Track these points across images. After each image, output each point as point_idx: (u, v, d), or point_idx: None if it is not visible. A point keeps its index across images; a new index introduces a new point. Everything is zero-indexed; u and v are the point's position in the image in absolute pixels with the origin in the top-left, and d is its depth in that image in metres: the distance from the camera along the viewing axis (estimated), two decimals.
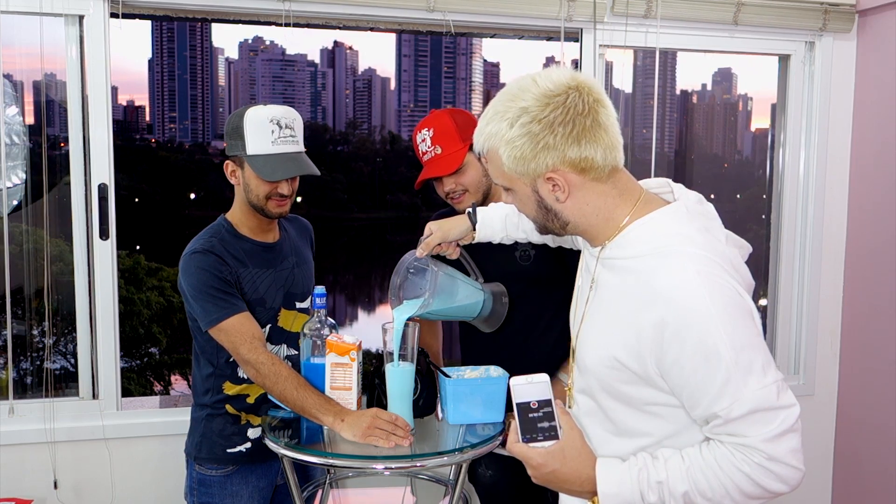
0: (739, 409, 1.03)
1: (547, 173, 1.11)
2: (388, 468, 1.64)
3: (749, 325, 1.05)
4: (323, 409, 1.68)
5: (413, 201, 44.09)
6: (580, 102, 1.09)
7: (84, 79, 2.31)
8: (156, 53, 45.00)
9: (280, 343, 1.91)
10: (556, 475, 1.11)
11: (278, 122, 1.80)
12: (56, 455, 2.33)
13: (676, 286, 1.04)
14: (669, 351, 1.04)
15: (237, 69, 46.98)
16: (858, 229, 2.90)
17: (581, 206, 1.14)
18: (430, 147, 1.93)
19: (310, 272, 2.01)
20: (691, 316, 1.02)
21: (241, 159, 1.83)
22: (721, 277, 1.05)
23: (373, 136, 47.24)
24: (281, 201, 1.84)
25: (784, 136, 2.95)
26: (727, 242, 1.14)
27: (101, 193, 2.32)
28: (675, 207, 1.14)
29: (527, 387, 1.10)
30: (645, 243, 1.10)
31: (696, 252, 1.06)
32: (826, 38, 2.84)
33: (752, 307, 1.08)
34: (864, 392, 2.88)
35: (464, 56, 45.64)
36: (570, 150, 1.09)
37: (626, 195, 1.15)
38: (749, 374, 1.03)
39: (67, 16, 2.27)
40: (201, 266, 1.78)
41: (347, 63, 46.94)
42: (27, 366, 2.66)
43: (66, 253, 2.42)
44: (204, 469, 1.90)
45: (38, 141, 2.34)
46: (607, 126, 1.11)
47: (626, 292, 1.10)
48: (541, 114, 1.08)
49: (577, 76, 1.11)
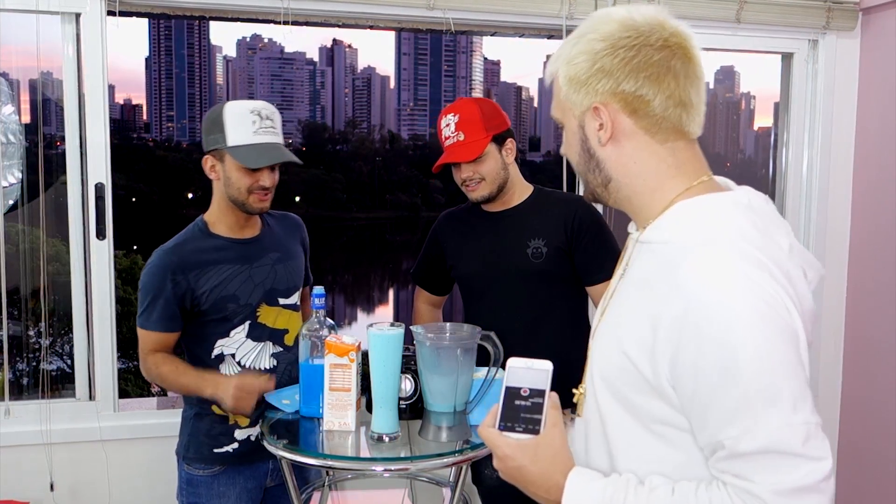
0: (750, 443, 0.85)
1: (595, 103, 0.97)
2: (386, 470, 1.64)
3: (788, 348, 0.86)
4: (199, 387, 1.79)
5: (413, 201, 44.09)
6: (659, 38, 0.95)
7: (81, 77, 2.31)
8: (153, 51, 44.98)
9: (263, 340, 1.90)
10: (521, 473, 0.97)
11: (259, 114, 1.81)
12: (52, 457, 2.33)
13: (705, 278, 0.87)
14: (685, 353, 0.87)
15: (235, 67, 47.00)
16: (862, 229, 2.90)
17: (626, 162, 0.98)
18: (454, 132, 1.95)
19: (297, 268, 1.99)
20: (715, 315, 0.85)
21: (221, 152, 1.82)
22: (766, 282, 0.87)
23: (372, 135, 47.23)
24: (262, 195, 1.83)
25: (787, 134, 2.95)
26: (790, 254, 0.95)
27: (98, 193, 2.32)
28: (733, 195, 0.97)
29: (524, 371, 0.99)
30: (684, 227, 0.94)
31: (741, 246, 0.89)
32: (829, 37, 2.84)
33: (798, 330, 0.88)
34: (868, 392, 2.88)
35: (464, 54, 45.63)
36: (627, 81, 0.94)
37: (685, 170, 0.98)
38: (773, 403, 0.84)
39: (64, 13, 2.27)
40: (154, 268, 1.82)
41: (346, 61, 46.91)
42: (23, 367, 2.66)
43: (62, 253, 2.42)
44: (192, 469, 1.91)
45: (35, 140, 2.34)
46: (680, 75, 0.95)
47: (649, 280, 0.94)
48: (611, 36, 0.95)
49: (673, 21, 0.98)
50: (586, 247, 1.95)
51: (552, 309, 1.98)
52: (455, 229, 2.11)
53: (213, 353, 1.86)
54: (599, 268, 1.94)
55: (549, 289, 1.97)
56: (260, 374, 1.86)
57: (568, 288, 1.99)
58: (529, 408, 0.97)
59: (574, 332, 1.92)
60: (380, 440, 1.66)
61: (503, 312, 1.97)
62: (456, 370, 1.62)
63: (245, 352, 1.88)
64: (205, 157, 1.87)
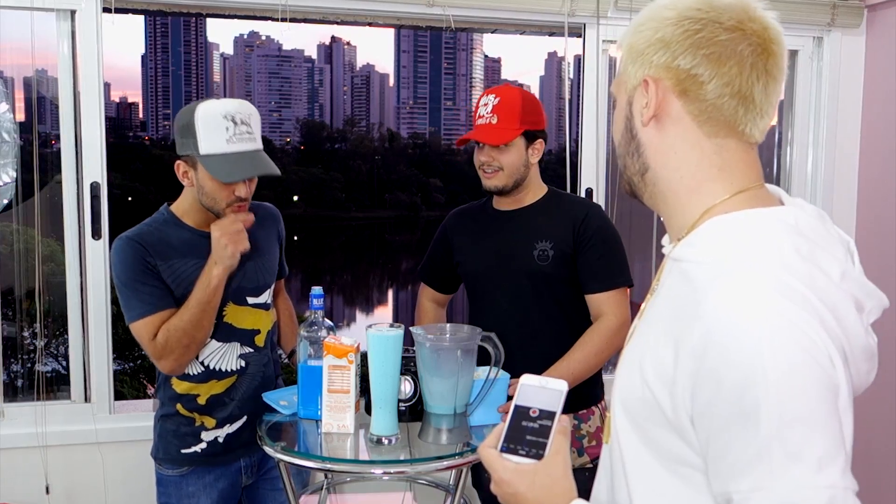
0: (760, 501, 0.74)
1: (647, 76, 0.89)
2: (386, 473, 1.64)
3: (820, 400, 0.75)
4: (204, 280, 1.71)
5: (412, 200, 44.02)
6: (733, 19, 0.86)
7: (76, 75, 2.31)
8: (149, 49, 44.95)
9: (229, 341, 1.83)
10: (517, 499, 0.90)
11: (233, 119, 1.70)
12: (48, 459, 2.33)
13: (730, 311, 0.78)
14: (702, 391, 0.78)
15: (232, 65, 46.96)
16: (868, 229, 2.90)
17: (666, 150, 0.90)
18: (489, 113, 1.94)
19: (269, 264, 1.92)
20: (736, 355, 0.76)
21: (193, 159, 1.72)
22: (804, 322, 0.76)
23: (371, 134, 47.19)
24: (240, 206, 1.76)
25: (791, 133, 2.95)
26: (841, 284, 0.83)
27: (94, 192, 2.32)
28: (778, 212, 0.86)
29: (536, 390, 0.93)
30: (718, 246, 0.85)
31: (780, 276, 0.79)
32: (834, 34, 2.84)
33: (838, 382, 0.77)
34: (876, 394, 2.88)
35: (464, 52, 45.61)
36: (684, 56, 0.86)
37: (731, 174, 0.89)
38: (794, 460, 0.73)
39: (59, 10, 2.27)
40: (124, 254, 1.74)
41: (345, 59, 46.89)
42: (18, 368, 2.66)
43: (57, 253, 2.42)
44: (162, 469, 1.89)
45: (29, 138, 2.34)
46: (746, 63, 0.86)
47: (676, 304, 0.85)
48: (683, 6, 0.87)
49: (762, 11, 0.89)
50: (587, 254, 1.94)
51: (554, 312, 1.97)
52: (465, 226, 2.11)
53: None
54: (593, 276, 1.94)
55: (552, 292, 1.96)
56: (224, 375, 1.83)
57: (572, 293, 1.98)
58: (536, 430, 0.91)
59: (573, 339, 1.92)
60: (379, 442, 1.66)
61: (506, 313, 1.98)
62: (456, 372, 1.62)
63: (209, 352, 1.81)
64: (177, 163, 1.76)
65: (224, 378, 1.84)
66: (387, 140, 46.58)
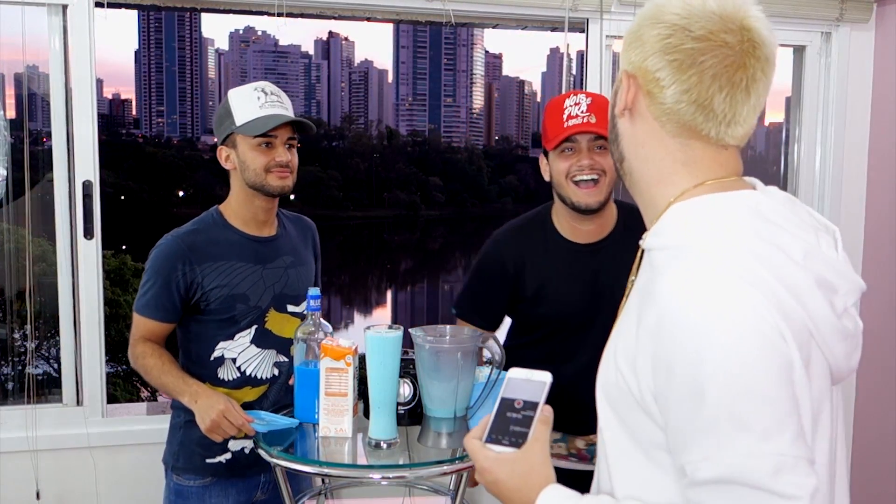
0: (708, 470, 0.79)
1: (627, 69, 0.94)
2: (384, 477, 1.64)
3: (768, 374, 0.79)
4: (179, 390, 1.75)
5: (412, 199, 44.03)
6: (704, 28, 0.88)
7: (68, 71, 2.31)
8: (142, 44, 44.99)
9: (268, 348, 1.88)
10: (497, 487, 0.96)
11: (262, 90, 1.83)
12: (39, 464, 2.33)
13: (682, 291, 0.83)
14: (660, 370, 0.84)
15: (227, 61, 46.99)
16: (877, 227, 2.90)
17: (636, 143, 0.96)
18: (584, 112, 1.76)
19: (308, 274, 1.98)
20: (684, 333, 0.81)
21: (233, 138, 1.82)
22: (752, 298, 0.81)
23: (369, 131, 47.19)
24: (282, 172, 1.81)
25: (799, 130, 2.95)
26: (805, 263, 0.86)
27: (86, 191, 2.32)
28: (738, 196, 0.90)
29: (521, 382, 0.99)
30: (677, 231, 0.90)
31: (735, 256, 0.83)
32: (843, 29, 2.84)
33: (791, 357, 0.81)
34: (884, 395, 2.88)
35: (464, 47, 45.65)
36: (652, 58, 0.90)
37: (695, 168, 0.93)
38: (742, 431, 0.78)
39: (50, 5, 2.27)
40: (163, 253, 1.81)
41: (343, 55, 46.92)
42: (8, 371, 2.66)
43: (48, 253, 2.42)
44: (181, 479, 1.88)
45: (20, 136, 2.34)
46: (707, 74, 0.88)
47: (642, 289, 0.91)
48: (666, 8, 0.91)
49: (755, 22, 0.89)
50: None
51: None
52: (536, 263, 1.88)
53: (213, 354, 1.84)
54: None
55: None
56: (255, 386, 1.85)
57: None
58: (520, 420, 0.97)
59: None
60: (377, 446, 1.66)
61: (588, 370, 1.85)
62: (456, 374, 1.62)
63: (247, 358, 1.86)
64: (219, 149, 1.87)
65: (258, 386, 1.88)
66: (385, 137, 46.57)
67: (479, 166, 50.59)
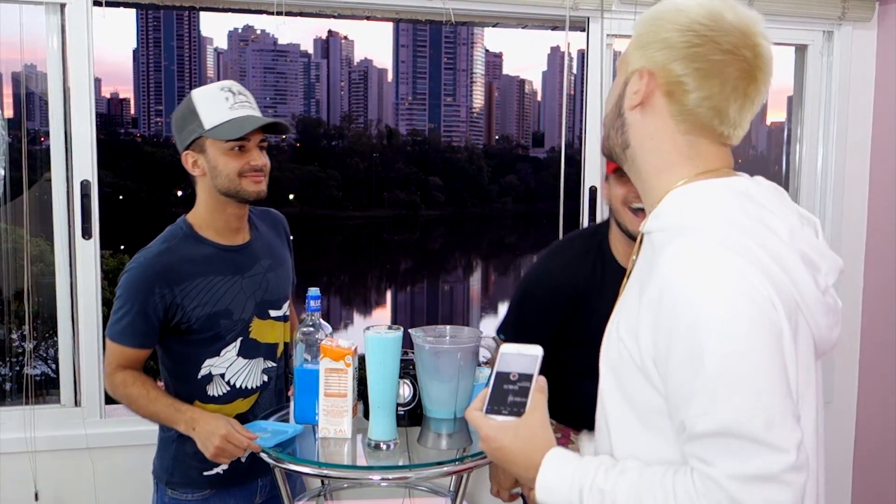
0: (706, 423, 0.88)
1: (646, 67, 1.02)
2: (384, 479, 1.64)
3: (760, 339, 0.89)
4: (173, 419, 1.71)
5: (412, 199, 44.10)
6: (730, 42, 0.98)
7: (66, 70, 2.31)
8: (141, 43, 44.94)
9: (255, 357, 1.84)
10: (502, 452, 1.04)
11: (230, 90, 1.74)
12: (37, 465, 2.33)
13: (680, 263, 0.92)
14: (661, 337, 0.93)
15: (226, 60, 46.90)
16: (879, 227, 2.90)
17: (645, 135, 1.04)
18: None
19: (287, 274, 1.93)
20: (683, 299, 0.90)
21: (201, 142, 1.73)
22: (744, 269, 0.90)
23: (369, 131, 47.15)
24: (256, 177, 1.73)
25: (801, 130, 2.95)
26: (790, 241, 0.97)
27: (84, 190, 2.32)
28: (727, 181, 1.00)
29: (514, 357, 1.07)
30: (673, 213, 0.99)
31: (726, 231, 0.93)
32: (845, 28, 2.84)
33: (780, 325, 0.91)
34: (886, 398, 2.88)
35: (464, 46, 45.61)
36: (679, 62, 0.99)
37: (696, 162, 1.02)
38: (737, 389, 0.87)
39: (48, 4, 2.28)
40: (137, 276, 1.71)
41: (342, 54, 46.88)
42: (6, 371, 2.66)
43: (46, 253, 2.42)
44: (178, 494, 1.84)
45: (18, 135, 2.34)
46: (728, 85, 0.98)
47: (643, 270, 1.01)
48: (694, 16, 0.99)
49: (764, 38, 1.01)
50: None
51: None
52: (592, 294, 1.80)
53: (200, 373, 1.79)
54: None
55: None
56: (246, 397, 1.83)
57: None
58: (517, 391, 1.04)
59: None
60: (377, 448, 1.66)
61: None
62: (456, 375, 1.62)
63: (235, 371, 1.82)
64: (183, 155, 1.77)
65: (249, 395, 1.85)
66: (385, 137, 46.50)
67: (479, 166, 50.61)
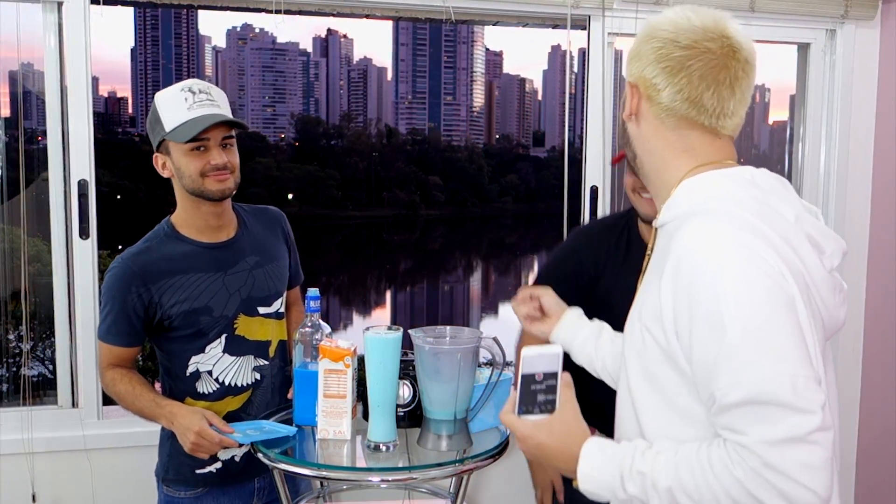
0: (735, 394, 0.93)
1: (631, 80, 1.13)
2: (384, 480, 1.64)
3: (776, 307, 0.95)
4: (155, 414, 1.74)
5: (411, 199, 44.11)
6: (689, 39, 1.08)
7: (63, 69, 2.31)
8: (139, 42, 44.93)
9: (243, 354, 1.85)
10: (541, 449, 1.10)
11: (190, 89, 1.74)
12: (34, 467, 2.33)
13: (695, 241, 1.00)
14: (682, 313, 0.99)
15: (225, 58, 46.89)
16: (882, 227, 2.90)
17: (643, 141, 1.15)
18: None
19: (279, 271, 1.92)
20: (700, 273, 0.97)
21: (166, 144, 1.75)
22: (757, 245, 0.97)
23: (368, 130, 47.18)
24: (219, 175, 1.74)
25: (803, 129, 2.95)
26: (796, 224, 1.05)
27: (81, 190, 2.32)
28: (735, 170, 1.09)
29: (536, 358, 1.11)
30: (687, 201, 1.07)
31: (737, 213, 1.01)
32: (848, 26, 2.84)
33: (793, 293, 0.97)
34: (890, 394, 2.88)
35: (464, 45, 45.62)
36: (649, 67, 1.10)
37: (694, 153, 1.11)
38: (760, 356, 0.93)
39: (45, 2, 2.28)
40: (115, 277, 1.76)
41: (342, 52, 46.87)
42: (3, 372, 2.66)
43: (44, 253, 2.42)
44: (172, 491, 1.87)
45: (15, 135, 2.34)
46: (695, 76, 1.08)
47: (659, 257, 1.08)
48: (658, 27, 1.11)
49: (732, 31, 1.10)
50: None
51: None
52: (614, 269, 1.87)
53: (187, 370, 1.82)
54: None
55: None
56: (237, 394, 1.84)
57: None
58: (544, 390, 1.10)
59: None
60: (377, 449, 1.66)
61: None
62: (456, 376, 1.62)
63: (223, 368, 1.83)
64: (154, 157, 1.80)
65: (240, 394, 1.86)
66: (385, 136, 46.52)
67: (479, 165, 50.57)
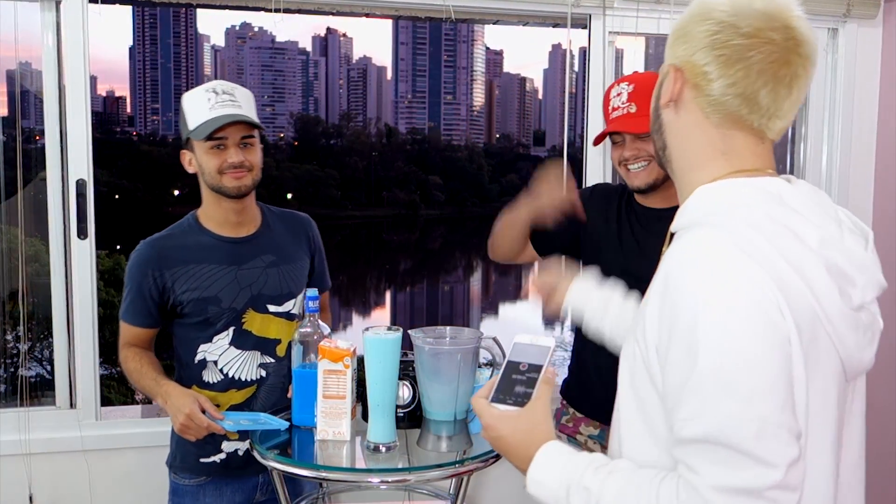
0: (694, 428, 0.85)
1: (675, 63, 1.01)
2: (383, 481, 1.64)
3: (760, 342, 0.84)
4: (154, 392, 1.81)
5: (411, 198, 44.01)
6: (751, 27, 0.95)
7: (61, 68, 2.31)
8: (137, 41, 44.88)
9: (249, 349, 1.89)
10: (501, 442, 1.05)
11: (214, 90, 1.82)
12: (32, 467, 2.33)
13: (685, 261, 0.90)
14: (663, 331, 0.91)
15: (224, 57, 46.88)
16: (884, 228, 2.90)
17: (678, 133, 1.02)
18: (625, 103, 1.83)
19: (295, 273, 1.96)
20: (684, 297, 0.88)
21: (191, 142, 1.83)
22: (752, 273, 0.86)
23: (368, 129, 47.13)
24: (236, 173, 1.81)
25: (805, 129, 2.95)
26: (819, 250, 0.90)
27: (80, 190, 2.32)
28: (759, 181, 0.96)
29: (527, 347, 1.08)
30: (696, 209, 0.97)
31: (739, 229, 0.89)
32: (850, 25, 2.84)
33: (786, 333, 0.86)
34: (890, 396, 2.88)
35: (465, 44, 45.58)
36: (700, 52, 0.97)
37: (733, 158, 0.98)
38: (729, 394, 0.83)
39: (44, 1, 2.28)
40: (136, 259, 1.85)
41: (341, 51, 46.80)
42: (1, 373, 2.66)
43: (42, 253, 2.42)
44: (178, 478, 1.93)
45: (13, 134, 2.34)
46: (754, 69, 0.94)
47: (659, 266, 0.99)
48: (714, 6, 0.97)
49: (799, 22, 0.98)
50: None
51: None
52: (602, 210, 1.97)
53: (196, 357, 1.87)
54: None
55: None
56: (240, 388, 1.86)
57: None
58: (524, 381, 1.05)
59: None
60: (376, 450, 1.66)
61: None
62: (456, 377, 1.62)
63: (228, 360, 1.88)
64: (182, 153, 1.89)
65: (244, 388, 1.89)
66: (384, 135, 46.56)
67: (479, 165, 50.51)
